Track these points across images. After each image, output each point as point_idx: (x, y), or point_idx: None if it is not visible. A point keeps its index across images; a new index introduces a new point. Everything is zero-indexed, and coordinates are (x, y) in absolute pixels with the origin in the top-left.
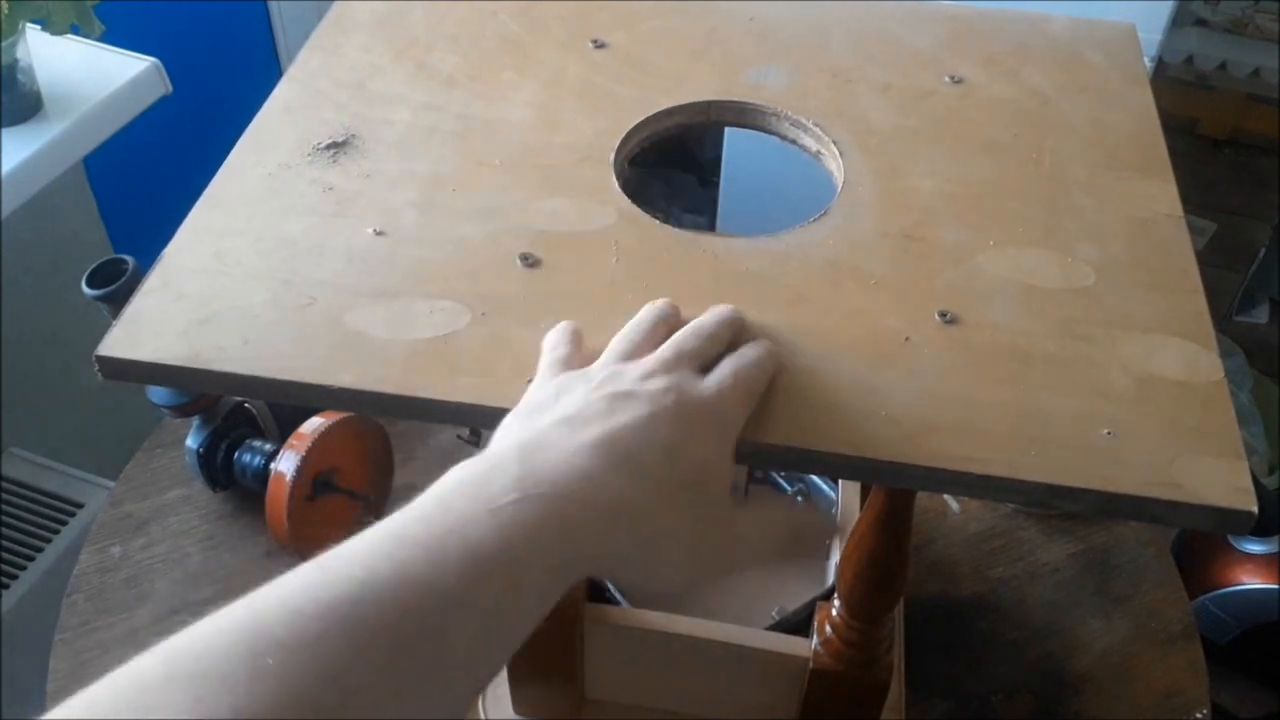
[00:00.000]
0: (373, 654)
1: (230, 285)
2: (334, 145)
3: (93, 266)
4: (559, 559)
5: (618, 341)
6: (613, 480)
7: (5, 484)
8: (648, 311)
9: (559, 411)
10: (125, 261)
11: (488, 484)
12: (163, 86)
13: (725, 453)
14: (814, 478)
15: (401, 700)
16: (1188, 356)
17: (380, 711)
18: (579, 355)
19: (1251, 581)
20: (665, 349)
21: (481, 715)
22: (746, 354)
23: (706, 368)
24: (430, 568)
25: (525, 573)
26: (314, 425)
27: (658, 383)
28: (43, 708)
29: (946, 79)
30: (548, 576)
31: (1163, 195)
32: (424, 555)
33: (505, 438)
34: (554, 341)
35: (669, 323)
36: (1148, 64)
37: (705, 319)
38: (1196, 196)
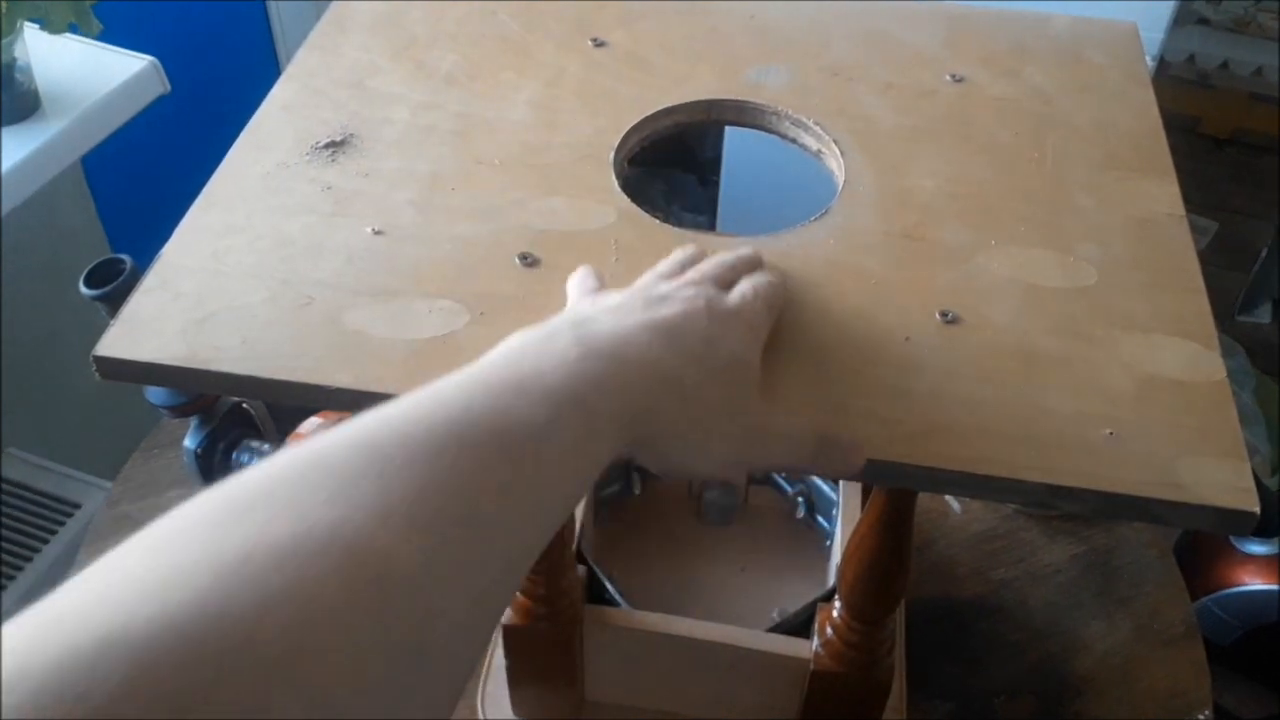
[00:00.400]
0: (483, 468)
1: (228, 285)
2: (332, 144)
3: (90, 266)
4: (621, 412)
5: (651, 272)
6: (661, 354)
7: (3, 484)
8: (678, 253)
9: (603, 304)
10: (123, 261)
11: (551, 344)
12: (161, 85)
13: (754, 349)
14: (815, 479)
15: (510, 512)
16: (1189, 356)
17: (494, 521)
18: (601, 286)
19: (1253, 582)
20: (690, 272)
21: (480, 716)
22: (763, 275)
23: (729, 289)
24: (519, 403)
25: (595, 417)
26: (312, 425)
27: (688, 290)
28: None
29: (947, 78)
30: (612, 425)
31: (1164, 194)
32: (511, 395)
33: (552, 320)
34: (577, 280)
35: (698, 258)
36: (1149, 63)
37: (728, 254)
38: (1198, 196)
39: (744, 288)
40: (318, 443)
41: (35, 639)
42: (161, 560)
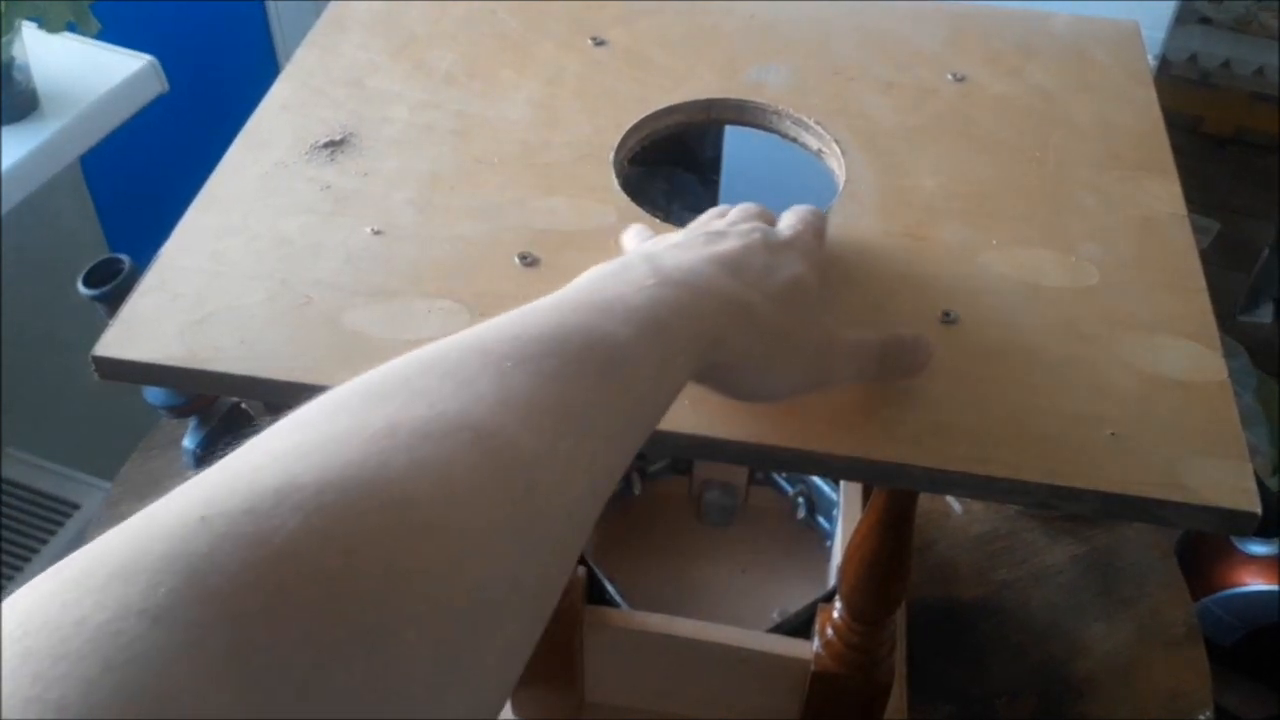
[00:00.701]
0: (583, 375)
1: (227, 285)
2: (331, 143)
3: (89, 266)
4: (697, 336)
5: (700, 217)
6: (730, 283)
7: (3, 484)
8: (723, 206)
9: (666, 242)
10: (121, 261)
11: (628, 273)
12: (159, 85)
13: (812, 273)
14: (815, 479)
15: (605, 421)
16: (1191, 357)
17: (596, 420)
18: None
19: (1255, 583)
20: (737, 213)
21: None
22: (805, 209)
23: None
24: (606, 322)
25: (674, 339)
26: None
27: (744, 226)
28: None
29: (949, 77)
30: (690, 348)
31: (1166, 194)
32: (599, 315)
33: (625, 255)
34: (635, 233)
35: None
36: (1151, 62)
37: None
38: (1200, 195)
39: (791, 220)
40: (433, 347)
41: (217, 490)
42: (312, 433)
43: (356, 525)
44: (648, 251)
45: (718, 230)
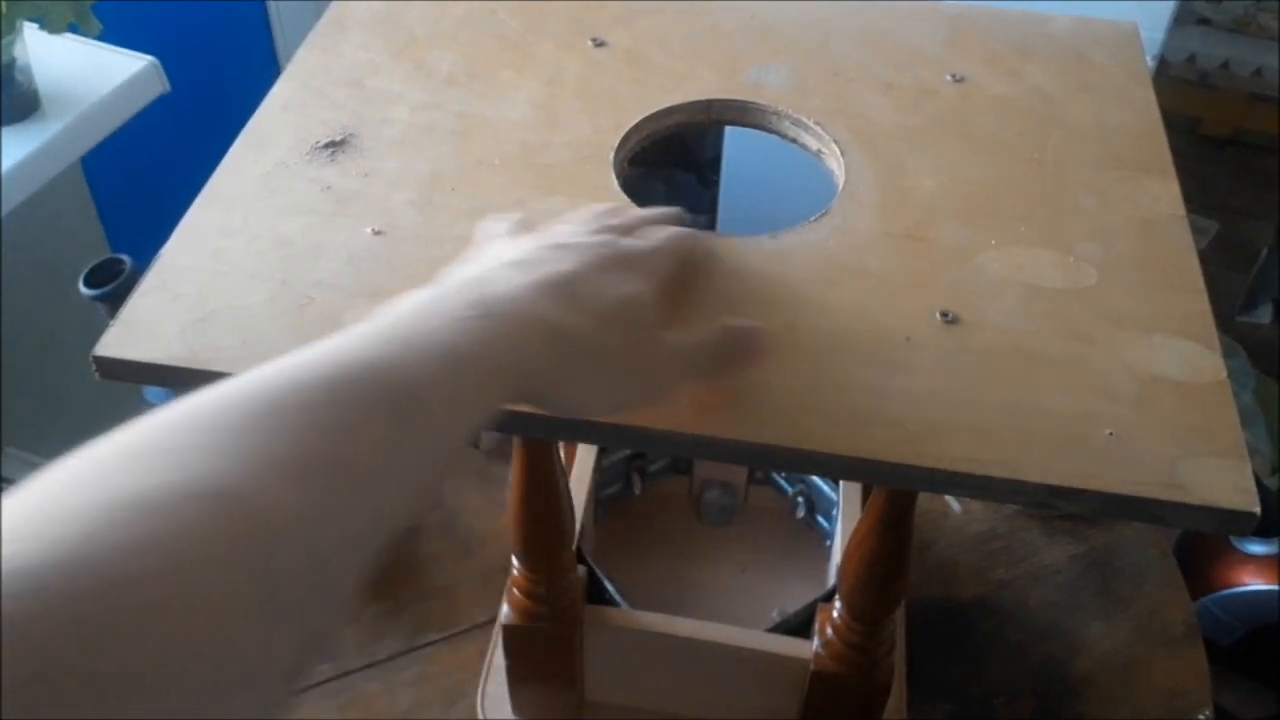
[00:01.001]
0: (369, 420)
1: (228, 285)
2: (332, 144)
3: (90, 266)
4: (507, 368)
5: (561, 222)
6: (555, 312)
7: (3, 484)
8: (598, 207)
9: (505, 256)
10: (123, 261)
11: (442, 302)
12: (160, 85)
13: (652, 292)
14: (815, 479)
15: (392, 462)
16: (1190, 357)
17: (375, 472)
18: (523, 225)
19: (1254, 583)
20: (600, 223)
21: (481, 716)
22: (676, 229)
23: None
24: (407, 358)
25: (479, 374)
26: None
27: (594, 238)
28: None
29: (948, 78)
30: (498, 381)
31: (1165, 195)
32: (401, 349)
33: (450, 276)
34: (494, 220)
35: (613, 217)
36: (1150, 63)
37: (648, 210)
38: (1198, 196)
39: (653, 236)
40: (214, 391)
41: None
42: (47, 502)
43: (71, 611)
44: (475, 275)
45: (561, 244)
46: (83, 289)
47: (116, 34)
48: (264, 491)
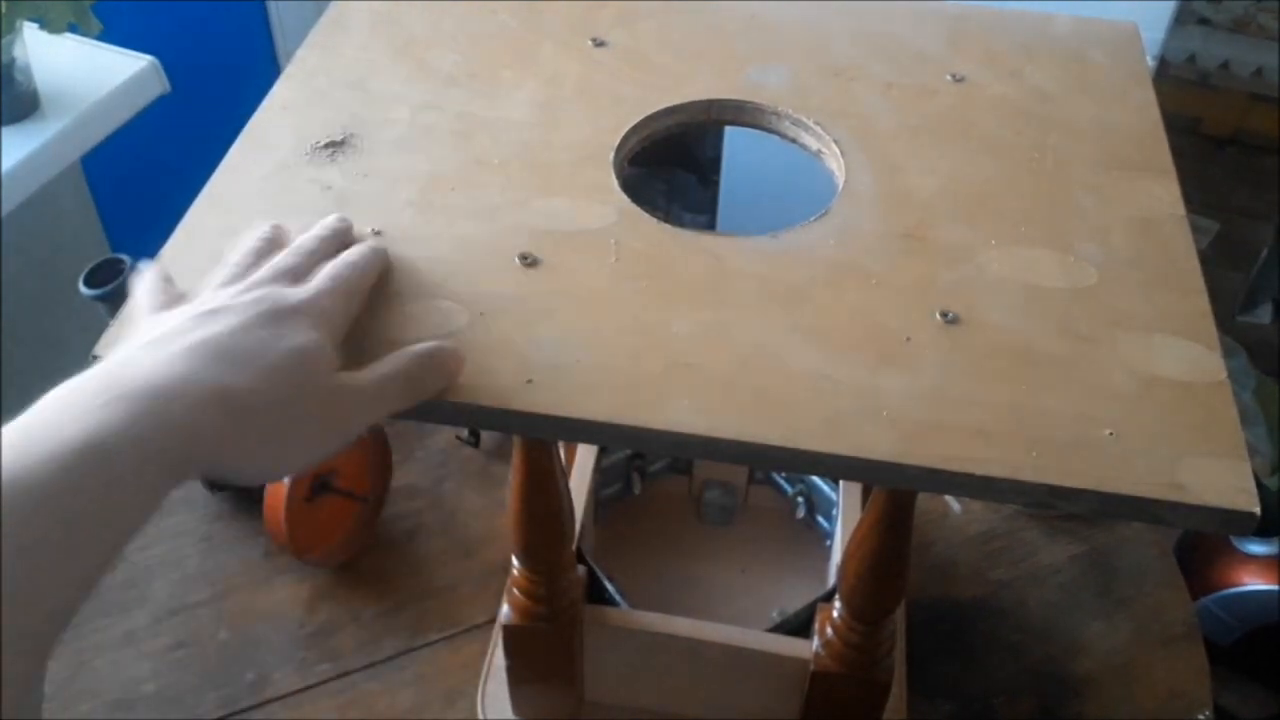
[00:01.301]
0: None
1: None
2: (332, 144)
3: (90, 266)
4: (160, 452)
5: (221, 268)
6: (210, 374)
7: None
8: (250, 238)
9: (145, 337)
10: (123, 261)
11: (77, 393)
12: (160, 85)
13: (323, 339)
14: (815, 478)
15: (18, 580)
16: (1190, 357)
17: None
18: (170, 298)
19: (1254, 583)
20: (262, 271)
21: (481, 716)
22: (346, 257)
23: (304, 278)
24: (24, 464)
25: (119, 468)
26: None
27: (250, 295)
28: (39, 710)
29: (948, 78)
30: (148, 470)
31: (1166, 194)
32: (15, 453)
33: (90, 368)
34: (144, 291)
35: (277, 244)
36: (1150, 63)
37: (306, 237)
38: (1199, 196)
39: (319, 277)
40: None
41: None
42: None
43: None
44: (118, 359)
45: (214, 308)
46: (82, 289)
47: (116, 34)
48: None
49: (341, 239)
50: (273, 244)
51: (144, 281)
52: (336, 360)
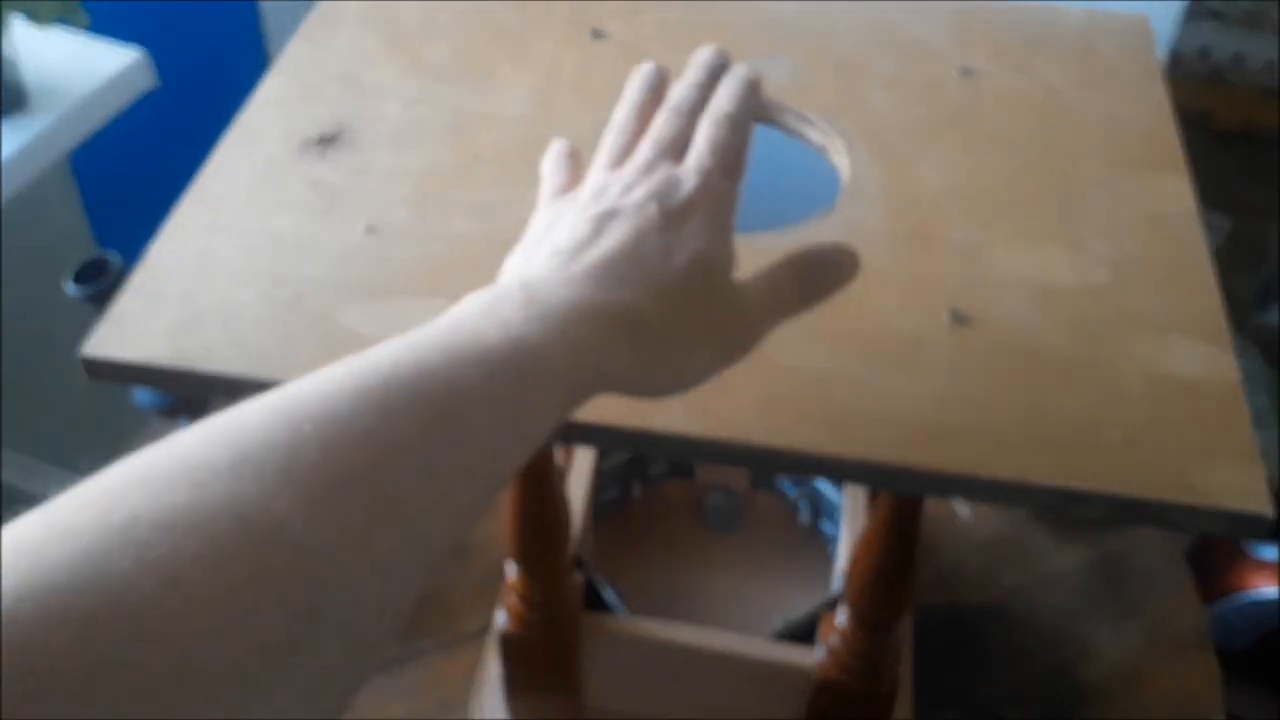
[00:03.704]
0: (401, 432)
1: (217, 283)
2: (324, 139)
3: (77, 264)
4: (570, 370)
5: (609, 137)
6: (613, 298)
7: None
8: (633, 91)
9: (551, 244)
10: (111, 259)
11: (496, 308)
12: (149, 79)
13: (720, 237)
14: (819, 482)
15: (429, 480)
16: (1203, 357)
17: (409, 488)
18: (573, 176)
19: (1266, 588)
20: (644, 148)
21: None
22: (722, 110)
23: (687, 144)
24: (449, 367)
25: (534, 383)
26: None
27: (639, 193)
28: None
29: (956, 72)
30: (559, 387)
31: (1178, 191)
32: (444, 357)
33: (508, 274)
34: (549, 170)
35: (657, 94)
36: (1161, 57)
37: (683, 87)
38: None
39: (700, 152)
40: (244, 407)
41: None
42: (55, 522)
43: (55, 639)
44: (527, 275)
45: (608, 210)
46: (70, 287)
47: (105, 27)
48: (273, 509)
49: (717, 76)
50: (656, 90)
51: (548, 160)
52: (733, 257)
